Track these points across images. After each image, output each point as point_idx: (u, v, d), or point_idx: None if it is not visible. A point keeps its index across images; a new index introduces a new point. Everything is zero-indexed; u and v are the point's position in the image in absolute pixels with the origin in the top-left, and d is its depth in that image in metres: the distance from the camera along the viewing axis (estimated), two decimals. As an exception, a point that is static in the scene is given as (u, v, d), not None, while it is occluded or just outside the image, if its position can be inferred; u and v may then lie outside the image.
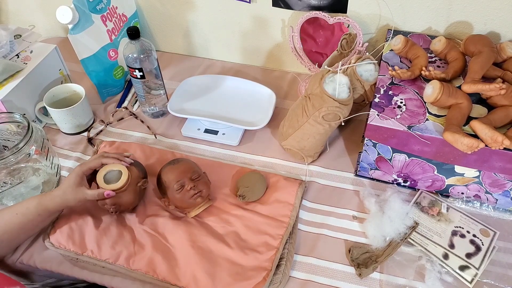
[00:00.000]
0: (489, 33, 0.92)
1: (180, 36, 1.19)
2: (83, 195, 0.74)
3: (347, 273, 0.75)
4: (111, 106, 1.08)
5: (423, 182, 0.84)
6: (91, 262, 0.76)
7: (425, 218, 0.80)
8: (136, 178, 0.81)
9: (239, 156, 0.95)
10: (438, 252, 0.75)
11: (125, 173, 0.78)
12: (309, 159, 0.91)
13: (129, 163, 0.81)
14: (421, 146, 0.75)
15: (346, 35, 0.94)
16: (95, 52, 0.99)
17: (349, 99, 0.79)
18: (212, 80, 1.08)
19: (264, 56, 1.16)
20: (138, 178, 0.81)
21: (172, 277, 0.73)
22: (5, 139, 0.89)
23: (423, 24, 0.96)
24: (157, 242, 0.77)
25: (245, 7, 1.05)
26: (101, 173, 0.77)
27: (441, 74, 0.79)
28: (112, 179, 0.78)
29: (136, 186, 0.80)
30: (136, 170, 0.82)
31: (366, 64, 0.84)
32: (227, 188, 0.87)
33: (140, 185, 0.81)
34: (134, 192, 0.80)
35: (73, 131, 0.99)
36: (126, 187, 0.77)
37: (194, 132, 0.99)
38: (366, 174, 0.88)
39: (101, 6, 0.98)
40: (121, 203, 0.78)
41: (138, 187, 0.81)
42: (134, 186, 0.80)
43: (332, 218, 0.83)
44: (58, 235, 0.78)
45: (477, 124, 0.69)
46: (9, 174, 0.81)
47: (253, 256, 0.75)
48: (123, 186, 0.77)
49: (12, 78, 0.93)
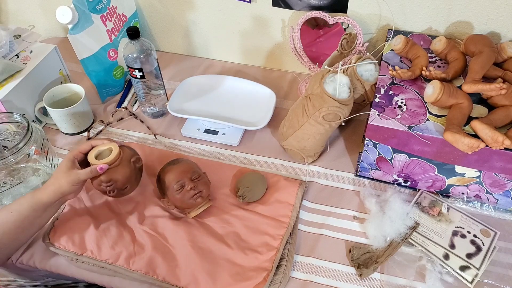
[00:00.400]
0: (490, 33, 0.92)
1: (180, 36, 1.19)
2: (76, 175, 0.72)
3: (347, 274, 0.75)
4: (111, 106, 1.08)
5: (423, 182, 0.84)
6: (91, 263, 0.76)
7: (426, 218, 0.80)
8: (128, 155, 0.79)
9: (239, 156, 0.95)
10: (438, 253, 0.75)
11: (115, 147, 0.76)
12: (309, 159, 0.91)
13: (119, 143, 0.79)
14: (422, 146, 0.75)
15: (346, 35, 0.94)
16: (95, 52, 0.99)
17: (350, 99, 0.79)
18: (212, 80, 1.08)
19: (264, 56, 1.16)
20: (130, 155, 0.80)
21: (172, 277, 0.73)
22: (4, 139, 0.89)
23: (423, 24, 0.96)
24: (157, 243, 0.77)
25: (245, 7, 1.05)
26: (92, 153, 0.76)
27: (441, 74, 0.79)
28: (103, 157, 0.77)
29: (129, 162, 0.78)
30: (127, 149, 0.81)
31: (367, 64, 0.84)
32: (227, 188, 0.86)
33: (134, 160, 0.79)
34: (128, 168, 0.78)
35: (72, 131, 0.99)
36: (119, 162, 0.76)
37: (194, 132, 0.99)
38: (367, 174, 0.88)
39: (101, 6, 0.98)
40: (116, 179, 0.76)
41: (132, 163, 0.79)
42: (127, 162, 0.78)
43: (333, 218, 0.83)
44: (58, 235, 0.78)
45: (477, 124, 0.69)
46: (8, 174, 0.81)
47: (253, 256, 0.75)
48: (115, 159, 0.75)
49: (11, 78, 0.93)
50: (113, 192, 0.77)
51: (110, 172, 0.75)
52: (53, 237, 0.78)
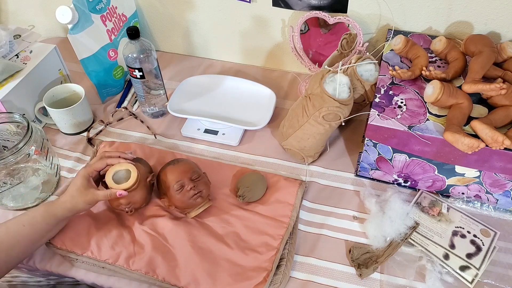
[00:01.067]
0: (490, 33, 0.92)
1: (180, 36, 1.19)
2: (94, 196, 0.73)
3: (347, 274, 0.75)
4: (111, 106, 1.08)
5: (423, 182, 0.84)
6: (91, 263, 0.76)
7: (426, 218, 0.80)
8: (144, 174, 0.81)
9: (239, 156, 0.95)
10: (438, 253, 0.75)
11: (134, 171, 0.78)
12: (309, 159, 0.91)
13: (131, 158, 0.81)
14: (422, 146, 0.75)
15: (346, 35, 0.94)
16: (95, 52, 0.99)
17: (350, 99, 0.79)
18: (212, 80, 1.08)
19: (264, 56, 1.16)
20: (146, 174, 0.82)
21: (172, 277, 0.73)
22: (4, 139, 0.89)
23: (423, 24, 0.96)
24: (157, 243, 0.77)
25: (245, 7, 1.05)
26: (109, 174, 0.77)
27: (441, 74, 0.79)
28: (121, 178, 0.78)
29: (146, 182, 0.81)
30: (142, 166, 0.82)
31: (367, 64, 0.84)
32: (227, 188, 0.86)
33: (150, 180, 0.82)
34: (145, 188, 0.80)
35: (72, 131, 0.99)
36: (137, 185, 0.78)
37: (194, 132, 0.99)
38: (367, 174, 0.88)
39: (100, 6, 0.98)
40: (135, 201, 0.79)
41: (148, 182, 0.81)
42: (144, 182, 0.80)
43: (333, 218, 0.83)
44: (58, 235, 0.78)
45: (477, 124, 0.69)
46: (8, 174, 0.81)
47: (253, 256, 0.75)
48: (134, 184, 0.77)
49: (11, 78, 0.93)
50: (130, 212, 0.79)
51: (129, 196, 0.77)
52: (53, 237, 0.78)
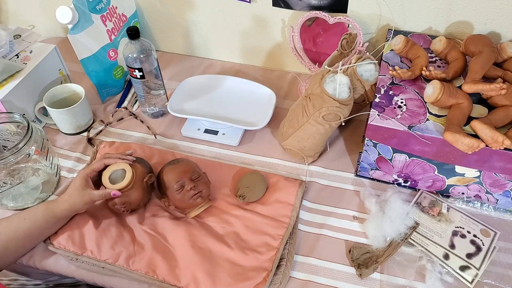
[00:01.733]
0: (490, 33, 0.92)
1: (180, 36, 1.19)
2: (90, 196, 0.75)
3: (347, 274, 0.75)
4: (111, 106, 1.08)
5: (423, 182, 0.84)
6: (91, 263, 0.76)
7: (426, 218, 0.80)
8: (141, 174, 0.81)
9: (239, 156, 0.95)
10: (438, 253, 0.75)
11: (128, 171, 0.78)
12: (309, 159, 0.91)
13: (131, 160, 0.81)
14: (422, 146, 0.75)
15: (346, 35, 0.94)
16: (95, 52, 0.99)
17: (350, 99, 0.79)
18: (212, 80, 1.08)
19: (264, 56, 1.16)
20: (143, 174, 0.81)
21: (172, 277, 0.73)
22: (5, 139, 0.89)
23: (423, 24, 0.96)
24: (157, 243, 0.77)
25: (245, 7, 1.05)
26: (106, 174, 0.78)
27: (441, 74, 0.79)
28: (117, 178, 0.78)
29: (142, 182, 0.80)
30: (140, 166, 0.82)
31: (367, 64, 0.84)
32: (227, 188, 0.86)
33: (146, 180, 0.81)
34: (141, 188, 0.80)
35: (72, 131, 0.99)
36: (132, 185, 0.78)
37: (194, 132, 0.99)
38: (367, 174, 0.88)
39: (101, 6, 0.98)
40: (130, 201, 0.79)
41: (144, 183, 0.81)
42: (140, 182, 0.80)
43: (333, 218, 0.83)
44: (58, 235, 0.78)
45: (477, 124, 0.69)
46: (8, 174, 0.81)
47: (253, 256, 0.75)
48: (128, 184, 0.77)
49: (11, 78, 0.93)
50: (127, 212, 0.80)
51: (124, 196, 0.77)
52: (53, 236, 0.78)
